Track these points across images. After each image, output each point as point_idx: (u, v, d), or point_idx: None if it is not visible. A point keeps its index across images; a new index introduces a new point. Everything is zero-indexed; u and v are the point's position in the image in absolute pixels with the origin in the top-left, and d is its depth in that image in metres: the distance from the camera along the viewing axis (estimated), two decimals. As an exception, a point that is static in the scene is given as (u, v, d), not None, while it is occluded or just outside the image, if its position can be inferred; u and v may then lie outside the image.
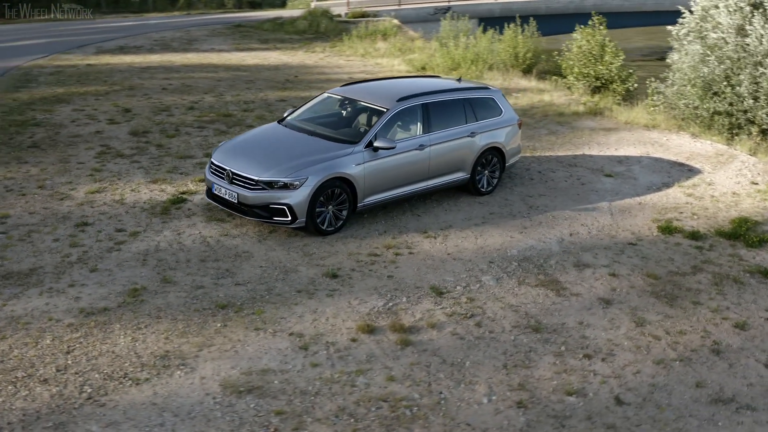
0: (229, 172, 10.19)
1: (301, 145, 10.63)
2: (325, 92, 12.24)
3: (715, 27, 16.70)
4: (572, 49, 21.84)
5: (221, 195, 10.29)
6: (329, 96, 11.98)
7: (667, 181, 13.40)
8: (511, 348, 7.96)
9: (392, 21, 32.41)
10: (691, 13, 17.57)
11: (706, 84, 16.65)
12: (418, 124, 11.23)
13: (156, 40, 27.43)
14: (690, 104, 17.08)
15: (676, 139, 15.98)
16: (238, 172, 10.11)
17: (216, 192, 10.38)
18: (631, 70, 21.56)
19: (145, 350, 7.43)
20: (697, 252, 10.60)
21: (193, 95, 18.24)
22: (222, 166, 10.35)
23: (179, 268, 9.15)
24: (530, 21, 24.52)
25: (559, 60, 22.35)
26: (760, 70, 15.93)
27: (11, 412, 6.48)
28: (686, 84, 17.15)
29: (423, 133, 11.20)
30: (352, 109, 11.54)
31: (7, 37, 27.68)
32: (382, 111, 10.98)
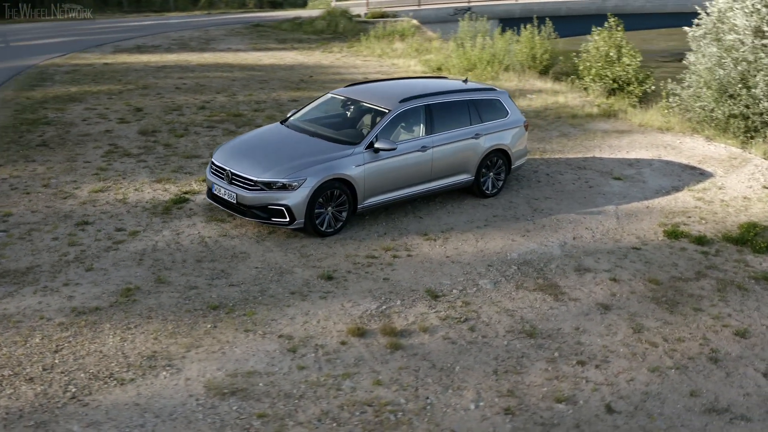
0: (229, 173, 10.17)
1: (301, 145, 10.59)
2: (328, 93, 12.19)
3: (731, 29, 16.43)
4: (589, 51, 21.63)
5: (221, 195, 10.28)
6: (333, 97, 11.92)
7: (677, 184, 13.20)
8: (503, 353, 7.86)
9: (411, 21, 32.32)
10: (707, 15, 17.31)
11: (722, 86, 16.40)
12: (421, 125, 11.13)
13: (174, 39, 27.57)
14: (706, 107, 16.83)
15: (690, 142, 15.74)
16: (237, 173, 10.08)
17: (216, 192, 10.37)
18: (648, 72, 21.32)
19: (132, 350, 7.42)
20: (702, 257, 10.41)
21: (205, 95, 18.28)
22: (222, 167, 10.34)
23: (174, 268, 9.15)
24: (546, 22, 24.29)
25: (576, 61, 22.15)
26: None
27: (-5, 410, 6.50)
28: (702, 86, 16.90)
29: (426, 134, 11.11)
30: (354, 110, 11.47)
31: (27, 35, 27.96)
32: (384, 112, 10.91)
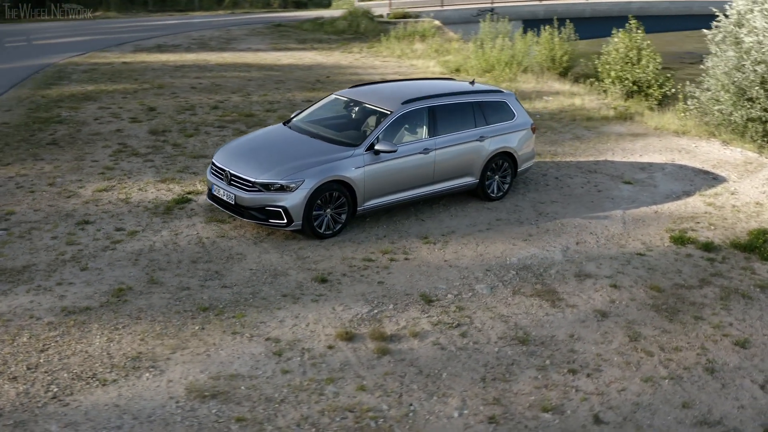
0: (228, 173, 10.15)
1: (301, 147, 10.54)
2: (332, 94, 12.13)
3: (750, 31, 16.11)
4: (609, 53, 21.37)
5: (220, 196, 10.26)
6: (336, 98, 11.86)
7: (689, 189, 12.96)
8: (493, 360, 7.74)
9: (432, 22, 32.16)
10: (726, 18, 16.99)
11: (740, 89, 16.08)
12: (424, 127, 11.03)
13: (195, 38, 27.69)
14: (724, 110, 16.52)
15: (705, 146, 15.46)
16: (235, 173, 10.06)
17: (215, 193, 10.35)
18: (668, 75, 21.01)
19: (118, 351, 7.41)
20: (708, 264, 10.20)
21: (220, 95, 18.32)
22: (221, 167, 10.32)
23: (169, 268, 9.14)
24: (566, 23, 24.04)
25: (596, 63, 21.91)
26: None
27: (-24, 409, 6.52)
28: (720, 90, 16.59)
29: (429, 136, 11.01)
30: (357, 112, 11.40)
31: (49, 34, 28.22)
32: (386, 113, 10.82)
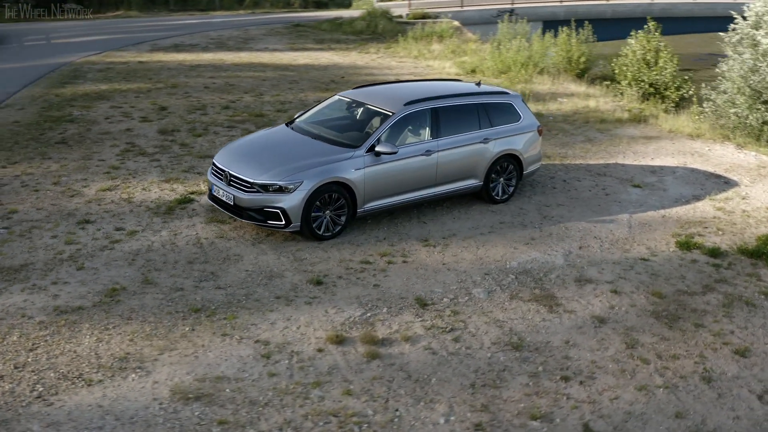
0: (227, 174, 10.13)
1: (302, 148, 10.49)
2: (336, 94, 12.08)
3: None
4: (626, 54, 21.15)
5: (219, 197, 10.24)
6: (340, 98, 11.80)
7: (699, 193, 12.75)
8: (485, 366, 7.63)
9: (451, 23, 32.02)
10: (744, 20, 16.73)
11: (756, 92, 15.82)
12: (427, 128, 10.94)
13: (213, 38, 27.78)
14: (740, 113, 16.26)
15: (719, 150, 15.22)
16: (234, 174, 10.04)
17: (215, 193, 10.34)
18: (686, 77, 20.73)
19: (106, 351, 7.41)
20: (713, 270, 10.01)
21: (232, 94, 18.34)
22: (222, 168, 10.30)
23: (165, 269, 9.13)
24: (585, 25, 23.81)
25: (612, 65, 21.69)
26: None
27: (-39, 408, 6.54)
28: (736, 92, 16.34)
29: (431, 138, 10.92)
30: (359, 113, 11.33)
31: (68, 33, 28.46)
32: (388, 115, 10.75)
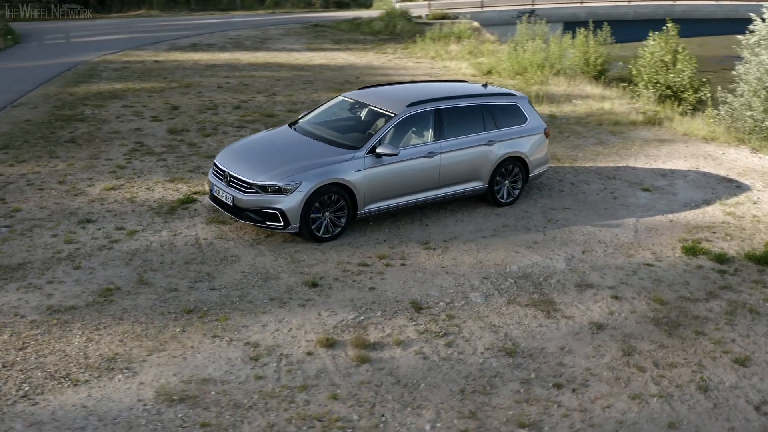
0: (227, 174, 10.11)
1: (303, 149, 10.45)
2: (339, 95, 12.03)
3: (785, 35, 15.58)
4: (644, 56, 20.91)
5: (219, 197, 10.23)
6: (343, 99, 11.75)
7: (709, 197, 12.53)
8: (476, 372, 7.53)
9: (470, 23, 31.86)
10: (763, 21, 16.44)
11: (772, 95, 15.55)
12: (430, 130, 10.85)
13: (231, 38, 27.87)
14: (756, 116, 15.98)
15: (733, 153, 14.97)
16: (234, 175, 10.01)
17: (215, 194, 10.33)
18: (704, 79, 20.45)
19: (95, 351, 7.40)
20: (718, 276, 9.82)
21: (245, 94, 18.36)
22: (222, 168, 10.28)
23: (161, 269, 9.12)
24: (604, 26, 23.57)
25: (629, 67, 21.46)
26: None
27: (-53, 406, 6.56)
28: (753, 95, 16.06)
29: (434, 139, 10.82)
30: (361, 114, 11.27)
31: (88, 32, 28.72)
32: (390, 116, 10.67)
